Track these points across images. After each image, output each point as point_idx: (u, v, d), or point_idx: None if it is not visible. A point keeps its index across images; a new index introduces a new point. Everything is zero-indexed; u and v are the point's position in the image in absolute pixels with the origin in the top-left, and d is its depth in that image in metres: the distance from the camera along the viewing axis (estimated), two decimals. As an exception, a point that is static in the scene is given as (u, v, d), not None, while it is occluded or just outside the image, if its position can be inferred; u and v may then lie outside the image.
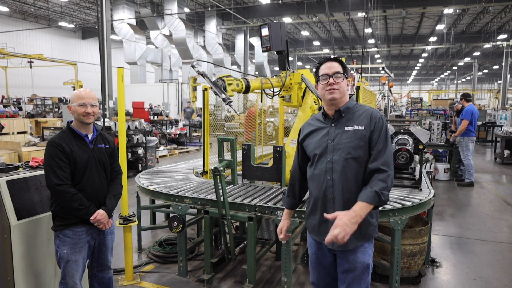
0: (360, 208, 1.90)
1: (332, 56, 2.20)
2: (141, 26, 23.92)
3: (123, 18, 20.86)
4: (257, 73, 29.66)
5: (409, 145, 4.00)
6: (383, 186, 1.93)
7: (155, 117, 16.30)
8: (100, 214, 2.59)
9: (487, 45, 29.50)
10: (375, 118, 2.05)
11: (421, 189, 3.84)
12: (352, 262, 2.09)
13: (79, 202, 2.51)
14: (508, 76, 26.90)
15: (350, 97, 2.17)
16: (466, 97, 7.97)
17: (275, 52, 4.05)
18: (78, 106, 2.56)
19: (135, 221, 3.60)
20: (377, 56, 35.25)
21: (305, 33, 28.59)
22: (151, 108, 17.40)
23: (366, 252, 2.11)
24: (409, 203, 3.30)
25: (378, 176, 1.95)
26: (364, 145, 2.02)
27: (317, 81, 2.15)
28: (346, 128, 2.06)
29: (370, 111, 2.08)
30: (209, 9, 23.70)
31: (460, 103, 8.23)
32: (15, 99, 21.45)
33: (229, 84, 3.46)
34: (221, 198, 3.31)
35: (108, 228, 2.72)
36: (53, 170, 2.47)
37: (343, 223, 1.83)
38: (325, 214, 1.98)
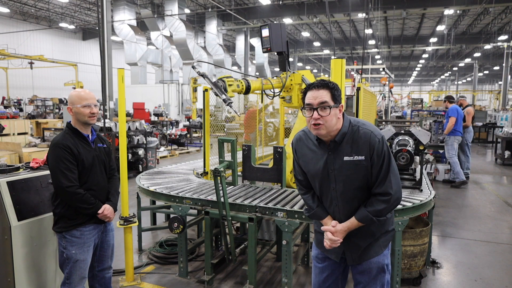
0: (351, 223, 2.04)
1: (323, 79, 2.00)
2: (142, 27, 23.94)
3: (124, 19, 20.89)
4: (257, 74, 29.67)
5: (410, 146, 4.00)
6: (381, 208, 1.97)
7: (156, 117, 16.29)
8: (106, 208, 2.67)
9: (487, 46, 29.51)
10: (374, 142, 1.94)
11: (421, 190, 3.84)
12: (367, 264, 2.11)
13: (89, 201, 2.57)
14: (509, 77, 26.85)
15: (344, 116, 2.01)
16: (450, 99, 8.56)
17: (276, 53, 4.05)
18: (83, 108, 2.55)
19: (135, 222, 3.60)
20: (377, 57, 35.25)
21: (305, 34, 28.60)
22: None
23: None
24: (409, 204, 3.30)
25: (380, 198, 1.98)
26: (367, 174, 1.98)
27: (302, 108, 1.99)
28: (345, 158, 1.97)
29: (368, 135, 1.95)
30: (210, 10, 23.73)
31: (445, 104, 8.70)
32: (15, 100, 21.40)
33: (230, 85, 3.46)
34: (222, 199, 3.30)
35: (113, 219, 2.78)
36: (62, 172, 2.48)
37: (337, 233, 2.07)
38: (322, 228, 2.12)
